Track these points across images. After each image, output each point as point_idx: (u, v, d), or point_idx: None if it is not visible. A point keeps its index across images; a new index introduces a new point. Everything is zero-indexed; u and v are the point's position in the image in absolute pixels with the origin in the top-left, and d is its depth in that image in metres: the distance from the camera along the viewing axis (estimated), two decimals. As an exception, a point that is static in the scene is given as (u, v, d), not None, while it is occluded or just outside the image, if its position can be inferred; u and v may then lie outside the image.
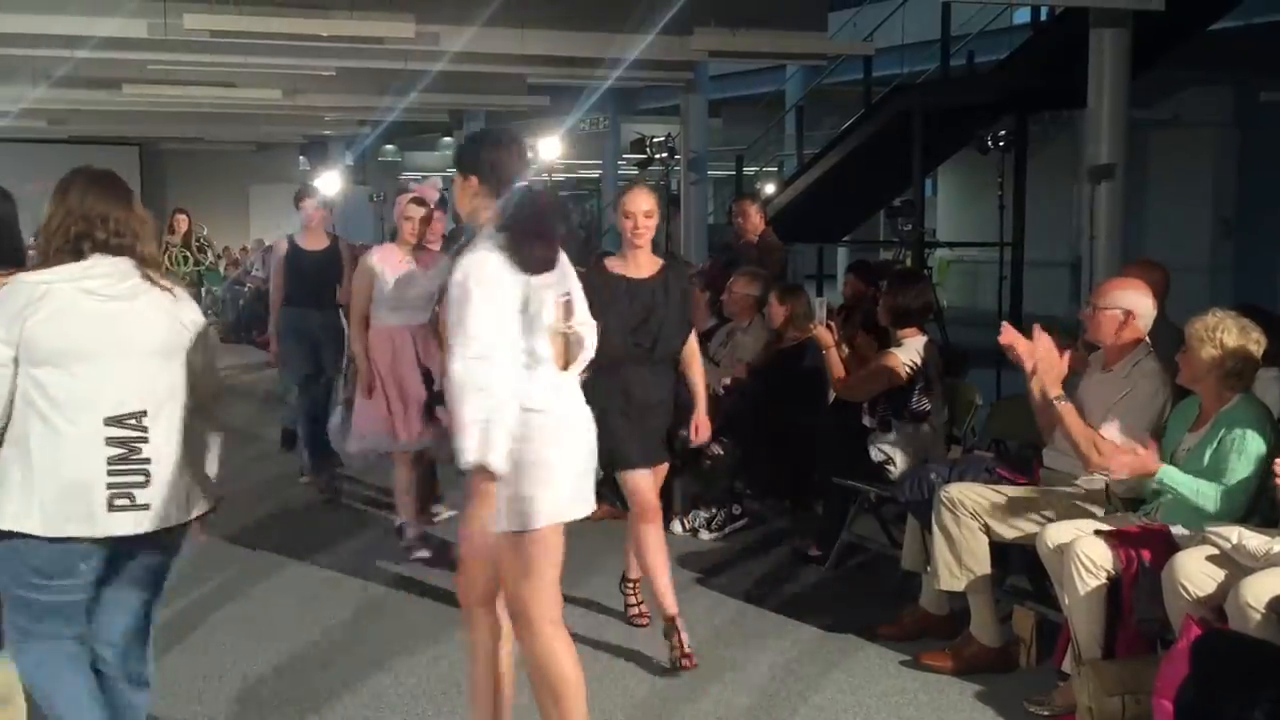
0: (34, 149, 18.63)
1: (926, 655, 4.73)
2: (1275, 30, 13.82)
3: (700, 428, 4.88)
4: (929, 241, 12.55)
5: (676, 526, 6.43)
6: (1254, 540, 3.73)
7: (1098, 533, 4.14)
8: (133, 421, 3.24)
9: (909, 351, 5.62)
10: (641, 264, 4.76)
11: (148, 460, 3.25)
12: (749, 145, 17.56)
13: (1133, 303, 4.55)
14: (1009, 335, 4.64)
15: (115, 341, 3.23)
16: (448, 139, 27.15)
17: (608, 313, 4.36)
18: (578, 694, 3.37)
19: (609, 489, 6.08)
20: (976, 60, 13.28)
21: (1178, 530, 4.10)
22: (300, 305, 7.58)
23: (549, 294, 3.28)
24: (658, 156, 13.17)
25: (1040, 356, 4.43)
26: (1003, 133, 9.44)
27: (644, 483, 4.80)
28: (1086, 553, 4.06)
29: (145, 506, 3.24)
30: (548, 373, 3.29)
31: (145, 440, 3.25)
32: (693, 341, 4.89)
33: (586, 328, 3.50)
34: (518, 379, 3.19)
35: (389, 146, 25.99)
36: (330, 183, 18.27)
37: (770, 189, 15.22)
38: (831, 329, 5.81)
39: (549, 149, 16.55)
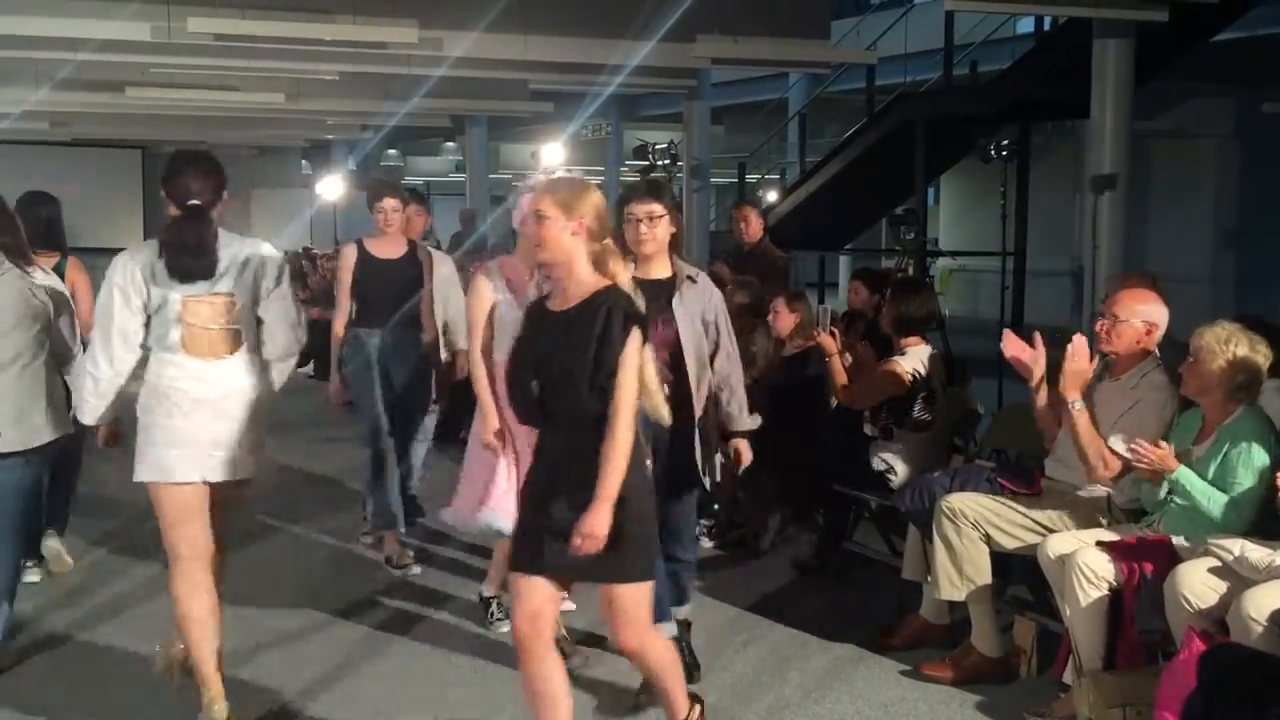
0: (36, 151, 18.59)
1: (927, 665, 4.72)
2: (1278, 42, 13.82)
3: (588, 534, 3.21)
4: (931, 250, 12.55)
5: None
6: (1256, 552, 3.73)
7: (1099, 543, 4.14)
8: None
9: (912, 360, 5.61)
10: (568, 291, 3.40)
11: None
12: (751, 152, 17.54)
13: (1156, 316, 4.54)
14: (1012, 345, 4.63)
15: None
16: (450, 144, 27.18)
17: (509, 349, 3.59)
18: (198, 630, 3.92)
19: None
20: (979, 69, 13.30)
21: (1179, 542, 4.09)
22: (366, 325, 6.01)
23: (177, 294, 3.85)
24: (660, 163, 13.20)
25: (1070, 358, 4.39)
26: (1005, 142, 9.47)
27: (522, 588, 3.41)
28: (1088, 563, 4.05)
29: None
30: (178, 358, 3.89)
31: None
32: (622, 400, 3.26)
33: (270, 327, 3.98)
34: (127, 359, 3.87)
35: (391, 151, 26.01)
36: (332, 187, 18.32)
37: (772, 196, 15.22)
38: (834, 336, 5.80)
39: (552, 155, 16.57)
